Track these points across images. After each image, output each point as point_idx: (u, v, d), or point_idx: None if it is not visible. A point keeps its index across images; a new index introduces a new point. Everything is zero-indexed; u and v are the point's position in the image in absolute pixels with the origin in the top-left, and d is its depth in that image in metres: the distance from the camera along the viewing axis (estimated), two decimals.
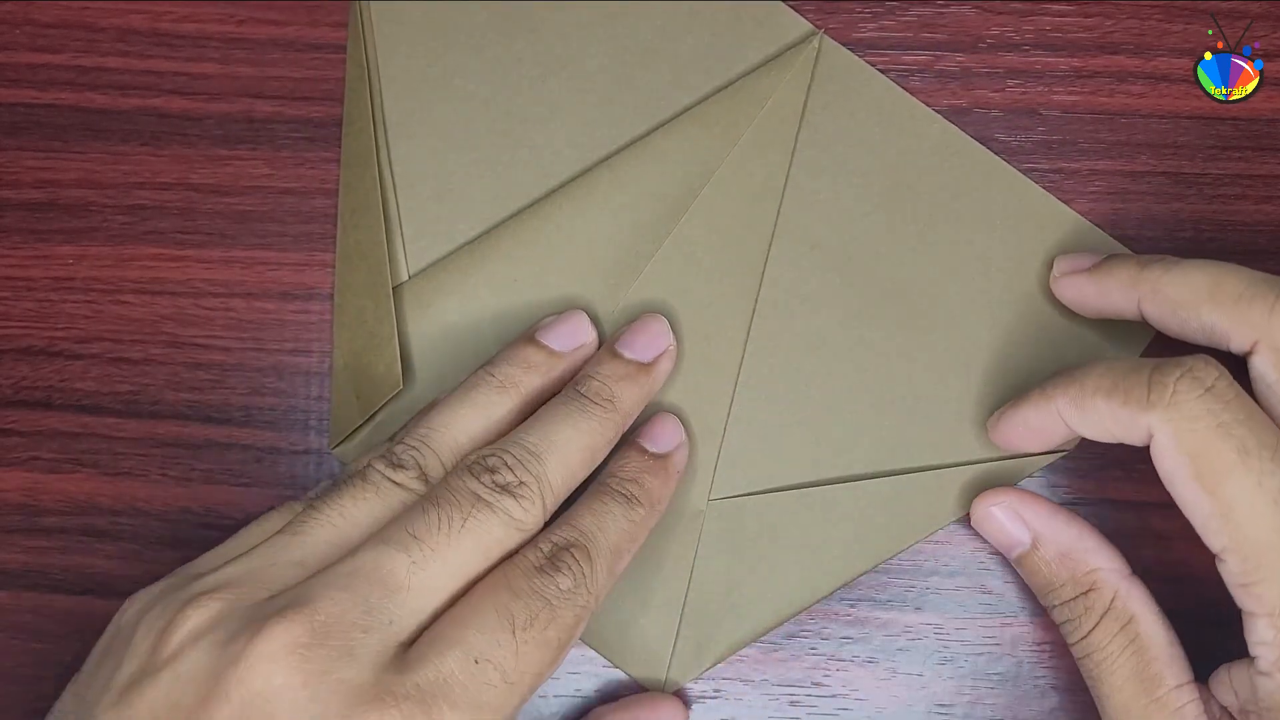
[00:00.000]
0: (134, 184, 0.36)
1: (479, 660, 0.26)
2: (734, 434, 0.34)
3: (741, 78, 0.34)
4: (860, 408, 0.34)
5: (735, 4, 0.35)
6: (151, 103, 0.36)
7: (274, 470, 0.35)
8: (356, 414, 0.34)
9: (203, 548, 0.35)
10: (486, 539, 0.27)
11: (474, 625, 0.26)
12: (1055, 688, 0.33)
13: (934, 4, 0.35)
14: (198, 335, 0.35)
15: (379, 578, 0.26)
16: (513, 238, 0.34)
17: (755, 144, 0.34)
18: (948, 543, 0.34)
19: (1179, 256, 0.32)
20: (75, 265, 0.36)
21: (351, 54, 0.35)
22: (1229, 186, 0.34)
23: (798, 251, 0.34)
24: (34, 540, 0.35)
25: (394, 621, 0.26)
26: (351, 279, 0.34)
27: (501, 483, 0.28)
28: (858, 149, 0.34)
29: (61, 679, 0.35)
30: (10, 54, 0.36)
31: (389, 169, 0.35)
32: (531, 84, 0.35)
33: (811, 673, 0.34)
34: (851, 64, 0.35)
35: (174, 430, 0.35)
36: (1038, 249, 0.34)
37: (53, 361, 0.35)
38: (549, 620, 0.27)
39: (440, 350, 0.34)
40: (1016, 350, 0.34)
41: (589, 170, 0.34)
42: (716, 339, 0.34)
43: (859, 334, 0.34)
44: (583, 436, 0.30)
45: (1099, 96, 0.35)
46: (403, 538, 0.27)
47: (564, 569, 0.28)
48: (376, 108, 0.35)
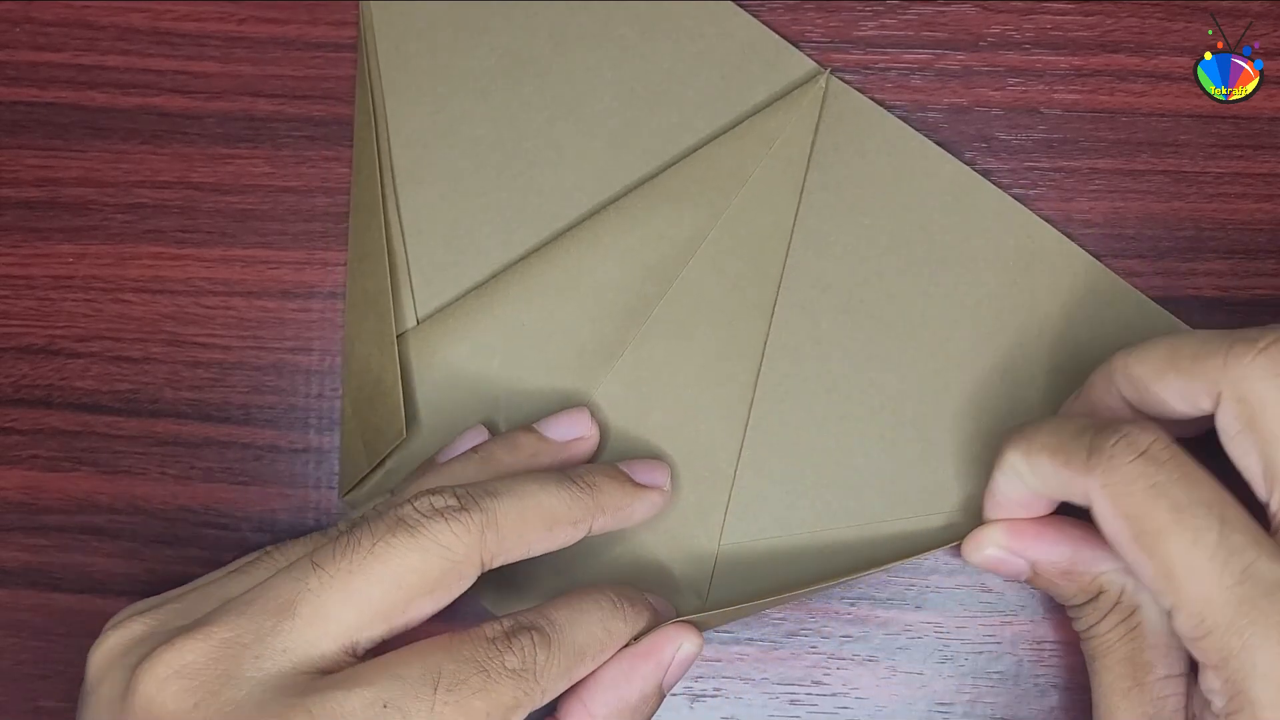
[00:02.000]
0: (134, 182, 0.36)
1: (387, 705, 0.24)
2: (744, 479, 0.34)
3: (748, 118, 0.34)
4: (872, 451, 0.33)
5: (741, 45, 0.35)
6: (152, 101, 0.36)
7: (273, 469, 0.35)
8: (364, 462, 0.34)
9: (202, 546, 0.35)
10: (399, 565, 0.26)
11: (396, 671, 0.25)
12: (1055, 686, 0.33)
13: (934, 3, 0.35)
14: (198, 334, 0.35)
15: (274, 605, 0.26)
16: (521, 282, 0.34)
17: (763, 185, 0.34)
18: None
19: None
20: (75, 264, 0.36)
21: (359, 101, 0.35)
22: (1229, 185, 0.34)
23: (808, 293, 0.34)
24: (34, 539, 0.35)
25: (288, 650, 0.25)
26: (359, 326, 0.34)
27: (438, 506, 0.27)
28: (868, 190, 0.34)
29: (61, 679, 0.35)
30: (11, 52, 0.36)
31: (397, 215, 0.35)
32: (538, 128, 0.35)
33: (812, 671, 0.34)
34: (860, 104, 0.34)
35: (174, 429, 0.35)
36: (1051, 291, 0.33)
37: (53, 360, 0.35)
38: (479, 689, 0.25)
39: (448, 395, 0.34)
40: (1029, 393, 0.33)
41: (596, 213, 0.34)
42: (726, 382, 0.34)
43: (870, 376, 0.34)
44: (548, 498, 0.28)
45: (1099, 95, 0.35)
46: (304, 565, 0.26)
47: (515, 648, 0.26)
48: (384, 154, 0.35)
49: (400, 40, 0.35)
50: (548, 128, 0.35)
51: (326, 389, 0.35)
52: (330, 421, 0.35)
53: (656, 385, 0.34)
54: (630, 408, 0.34)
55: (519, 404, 0.34)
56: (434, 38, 0.35)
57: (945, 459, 0.33)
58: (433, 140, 0.35)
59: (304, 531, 0.35)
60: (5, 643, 0.35)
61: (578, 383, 0.34)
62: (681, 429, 0.34)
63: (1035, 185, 0.34)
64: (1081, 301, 0.34)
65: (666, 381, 0.34)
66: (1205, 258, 0.34)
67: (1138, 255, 0.34)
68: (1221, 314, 0.34)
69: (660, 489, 0.32)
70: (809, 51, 0.35)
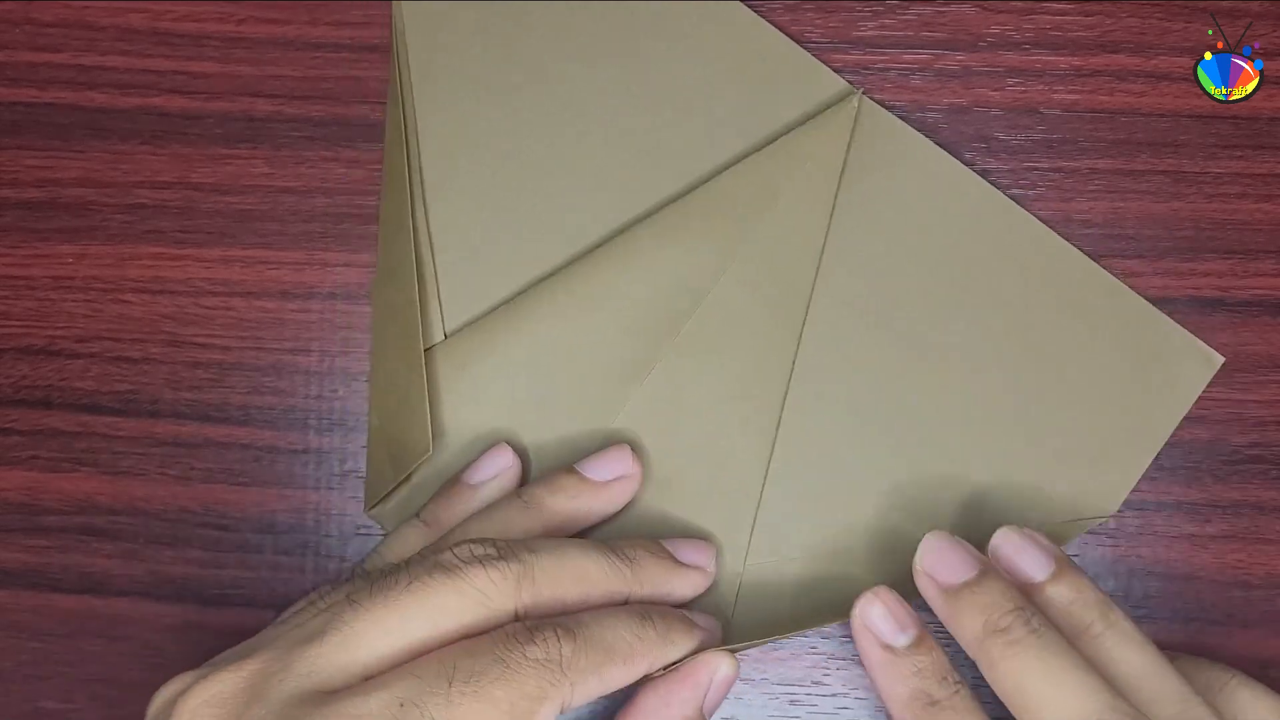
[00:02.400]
0: (134, 183, 0.36)
1: (404, 704, 0.24)
2: (771, 497, 0.34)
3: (779, 137, 0.34)
4: (898, 475, 0.33)
5: (773, 62, 0.34)
6: (151, 101, 0.36)
7: (273, 469, 0.35)
8: (391, 476, 0.33)
9: (202, 547, 0.35)
10: (435, 604, 0.26)
11: (413, 672, 0.25)
12: None
13: (934, 3, 0.35)
14: (197, 334, 0.35)
15: (305, 636, 0.26)
16: (549, 297, 0.34)
17: (794, 204, 0.34)
18: None
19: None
20: (75, 264, 0.36)
21: (390, 114, 0.35)
22: (1228, 185, 0.34)
23: (837, 313, 0.34)
24: (34, 539, 0.35)
25: (313, 672, 0.25)
26: (386, 339, 0.34)
27: (478, 554, 0.27)
28: (898, 211, 0.34)
29: (61, 679, 0.35)
30: (10, 53, 0.36)
31: (426, 228, 0.35)
32: (567, 143, 0.35)
33: (812, 671, 0.34)
34: (892, 125, 0.34)
35: (173, 429, 0.35)
36: (1079, 317, 0.34)
37: (52, 360, 0.35)
38: (499, 677, 0.25)
39: (476, 410, 0.34)
40: (1057, 413, 0.33)
41: (626, 229, 0.34)
42: (754, 400, 0.34)
43: (898, 396, 0.34)
44: (588, 563, 0.28)
45: (1099, 95, 0.35)
46: (340, 603, 0.27)
47: (538, 639, 0.26)
48: (414, 169, 0.35)
49: (431, 53, 0.35)
50: (576, 143, 0.35)
51: (326, 390, 0.35)
52: (329, 422, 0.35)
53: (684, 403, 0.34)
54: (658, 425, 0.34)
55: (547, 420, 0.34)
56: (464, 51, 0.35)
57: (972, 478, 0.33)
58: (462, 155, 0.35)
59: (303, 532, 0.35)
60: (5, 643, 0.35)
61: (605, 399, 0.34)
62: (709, 447, 0.34)
63: (1034, 185, 0.34)
64: (1108, 326, 0.34)
65: (694, 399, 0.34)
66: (1204, 258, 0.34)
67: (1137, 255, 0.34)
68: (1221, 314, 0.34)
69: (703, 570, 0.32)
70: (809, 52, 0.35)
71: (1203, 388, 0.33)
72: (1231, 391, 0.34)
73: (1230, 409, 0.34)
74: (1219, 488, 0.34)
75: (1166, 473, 0.34)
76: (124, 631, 0.35)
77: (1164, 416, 0.33)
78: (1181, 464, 0.34)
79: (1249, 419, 0.34)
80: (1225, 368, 0.34)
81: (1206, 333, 0.34)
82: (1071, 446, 0.33)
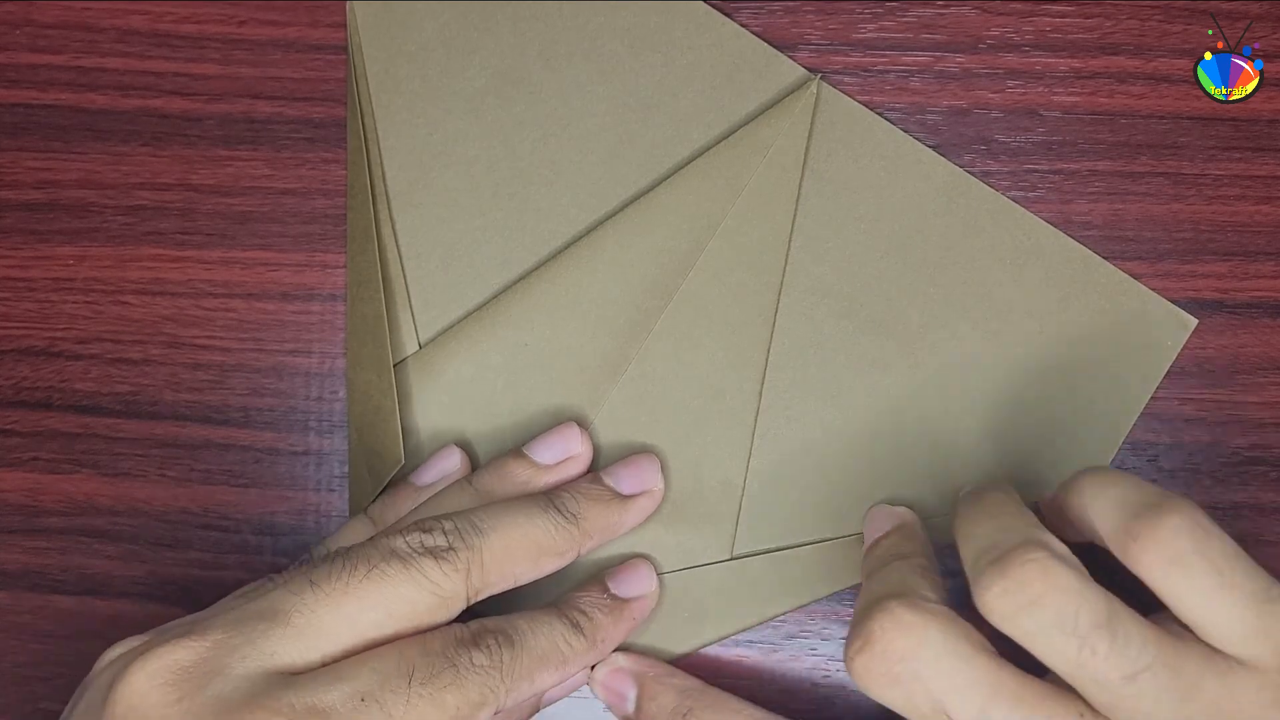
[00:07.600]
0: (134, 184, 0.36)
1: (365, 699, 0.26)
2: (754, 487, 0.34)
3: (741, 127, 0.34)
4: (878, 455, 0.34)
5: (731, 55, 0.35)
6: (152, 103, 0.36)
7: (273, 471, 0.35)
8: (370, 487, 0.34)
9: (201, 548, 0.35)
10: (391, 594, 0.27)
11: (372, 666, 0.26)
12: None
13: (934, 4, 0.35)
14: (197, 336, 0.35)
15: (268, 613, 0.27)
16: (521, 302, 0.34)
17: (759, 194, 0.34)
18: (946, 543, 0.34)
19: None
20: (76, 266, 0.36)
21: (351, 126, 0.35)
22: (1228, 187, 0.34)
23: (808, 300, 0.34)
24: (34, 540, 0.35)
25: (276, 653, 0.26)
26: (360, 353, 0.34)
27: (429, 544, 0.28)
28: (863, 194, 0.34)
29: (62, 680, 0.35)
30: (11, 54, 0.36)
31: (394, 239, 0.35)
32: (532, 146, 0.35)
33: (812, 673, 0.34)
34: (852, 109, 0.34)
35: (173, 431, 0.35)
36: (1049, 286, 0.34)
37: (53, 362, 0.35)
38: (451, 683, 0.27)
39: (453, 418, 0.34)
40: (1031, 389, 0.33)
41: (594, 229, 0.34)
42: (731, 392, 0.34)
43: (874, 380, 0.34)
44: (535, 530, 0.30)
45: (1099, 97, 0.35)
46: (300, 580, 0.27)
47: (482, 646, 0.28)
48: (377, 180, 0.35)
49: (391, 64, 0.35)
50: (541, 145, 0.35)
51: (326, 391, 0.35)
52: (330, 424, 0.35)
53: (662, 398, 0.34)
54: (636, 422, 0.34)
55: (524, 424, 0.34)
56: (425, 60, 0.35)
57: (951, 459, 0.33)
58: (427, 162, 0.35)
59: (303, 534, 0.35)
60: (6, 644, 0.35)
61: (582, 400, 0.34)
62: (689, 441, 0.34)
63: (1034, 188, 0.34)
64: (1079, 294, 0.34)
65: (672, 394, 0.34)
66: (1204, 260, 0.34)
67: (1137, 257, 0.34)
68: (1220, 316, 0.34)
69: (649, 492, 0.33)
70: (808, 54, 0.35)
71: (1178, 350, 0.34)
72: (1231, 393, 0.34)
73: (1230, 411, 0.34)
74: (1219, 489, 0.34)
75: (1166, 474, 0.34)
76: (124, 632, 0.34)
77: (1141, 381, 0.33)
78: (1181, 466, 0.34)
79: (1249, 421, 0.34)
80: (1225, 369, 0.34)
81: (1206, 334, 0.34)
82: (1051, 418, 0.33)
